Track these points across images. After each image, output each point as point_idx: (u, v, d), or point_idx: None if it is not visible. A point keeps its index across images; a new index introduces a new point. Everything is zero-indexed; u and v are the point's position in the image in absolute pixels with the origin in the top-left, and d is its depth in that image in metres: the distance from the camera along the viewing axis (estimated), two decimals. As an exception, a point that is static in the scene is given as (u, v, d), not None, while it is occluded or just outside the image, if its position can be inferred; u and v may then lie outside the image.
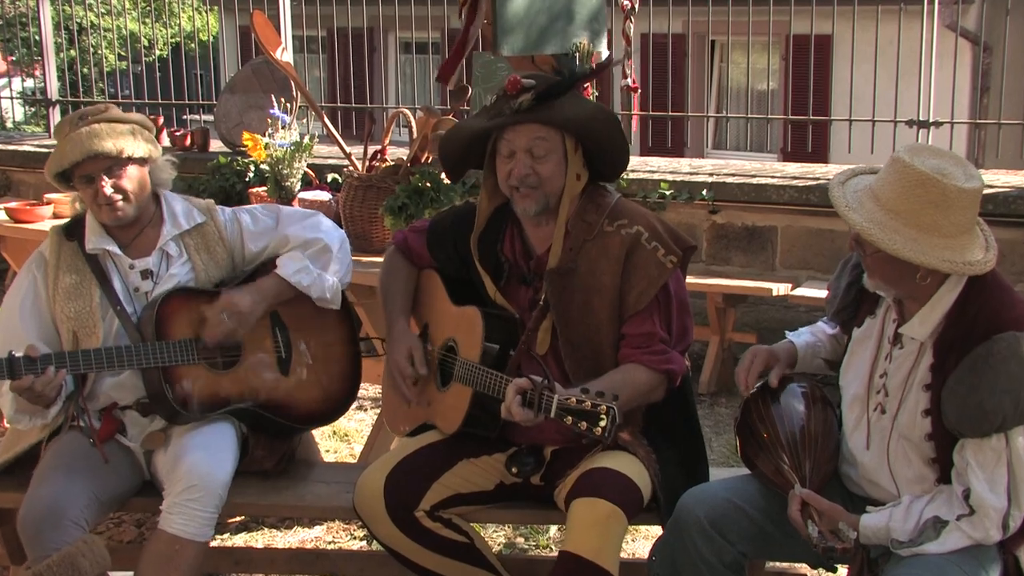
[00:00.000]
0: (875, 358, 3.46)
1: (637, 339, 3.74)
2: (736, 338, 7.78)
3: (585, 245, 3.78)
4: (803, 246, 7.83)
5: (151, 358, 4.01)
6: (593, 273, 3.76)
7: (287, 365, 4.29)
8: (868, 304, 3.54)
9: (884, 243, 3.15)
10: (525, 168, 3.73)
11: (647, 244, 3.75)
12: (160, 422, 4.16)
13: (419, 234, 4.21)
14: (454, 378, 3.92)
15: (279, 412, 4.26)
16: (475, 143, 3.90)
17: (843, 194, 3.31)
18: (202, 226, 4.26)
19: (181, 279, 4.17)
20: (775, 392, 3.63)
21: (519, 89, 3.73)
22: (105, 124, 4.07)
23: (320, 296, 4.26)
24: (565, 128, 3.73)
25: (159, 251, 4.19)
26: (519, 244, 3.94)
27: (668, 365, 3.74)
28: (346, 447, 6.28)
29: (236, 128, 8.63)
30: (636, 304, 3.74)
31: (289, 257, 4.25)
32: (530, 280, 3.90)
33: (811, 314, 7.86)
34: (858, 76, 8.52)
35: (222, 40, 13.66)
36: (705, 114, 13.51)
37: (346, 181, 5.95)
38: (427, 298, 4.19)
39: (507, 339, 3.85)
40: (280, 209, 4.42)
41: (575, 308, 3.77)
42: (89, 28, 13.09)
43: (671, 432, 3.89)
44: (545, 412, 3.33)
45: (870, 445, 3.45)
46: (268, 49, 6.31)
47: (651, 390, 3.75)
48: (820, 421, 3.54)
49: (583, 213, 3.81)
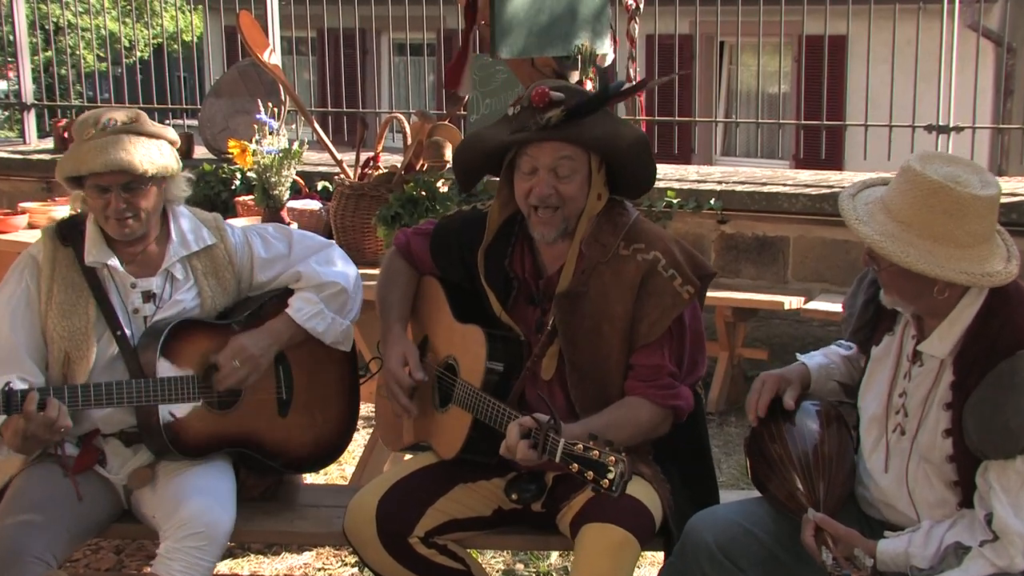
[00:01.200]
0: (894, 377, 3.46)
1: (644, 371, 3.72)
2: (746, 354, 7.79)
3: (598, 268, 3.74)
4: (816, 258, 7.83)
5: (151, 395, 3.94)
6: (605, 298, 3.73)
7: (287, 407, 4.24)
8: (886, 321, 3.54)
9: (897, 256, 3.15)
10: (547, 188, 3.68)
11: (664, 272, 3.71)
12: (145, 455, 4.09)
13: (423, 238, 4.16)
14: (453, 400, 3.89)
15: (272, 455, 4.21)
16: (495, 155, 3.85)
17: (853, 207, 3.30)
18: (211, 248, 4.18)
19: (187, 306, 4.10)
20: (788, 411, 3.61)
21: (547, 103, 3.65)
22: (134, 136, 3.95)
23: (334, 340, 4.24)
24: (593, 148, 3.69)
25: (164, 272, 4.10)
26: (529, 261, 3.90)
27: (674, 401, 3.73)
28: (336, 468, 6.27)
29: (221, 134, 8.63)
30: (647, 334, 3.71)
31: (303, 299, 4.19)
32: (538, 300, 3.86)
33: (825, 329, 7.88)
34: (874, 79, 8.52)
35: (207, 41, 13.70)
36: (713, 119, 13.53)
37: (337, 189, 5.95)
38: (427, 308, 4.16)
39: (511, 362, 3.82)
40: (292, 234, 4.34)
41: (584, 334, 3.74)
42: (66, 27, 13.12)
43: (679, 453, 3.87)
44: (549, 455, 3.30)
45: (888, 467, 3.44)
46: (255, 51, 6.31)
47: (655, 427, 3.74)
48: (835, 441, 3.53)
49: (598, 233, 3.76)
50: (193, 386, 4.02)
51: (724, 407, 7.52)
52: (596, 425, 3.50)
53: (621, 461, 3.17)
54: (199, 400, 4.03)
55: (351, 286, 4.26)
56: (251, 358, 4.05)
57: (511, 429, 3.41)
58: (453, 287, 4.08)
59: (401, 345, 4.00)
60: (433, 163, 5.89)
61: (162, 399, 3.95)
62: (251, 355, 4.05)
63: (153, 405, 3.94)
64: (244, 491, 4.20)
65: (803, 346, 3.84)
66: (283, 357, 4.22)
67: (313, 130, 6.39)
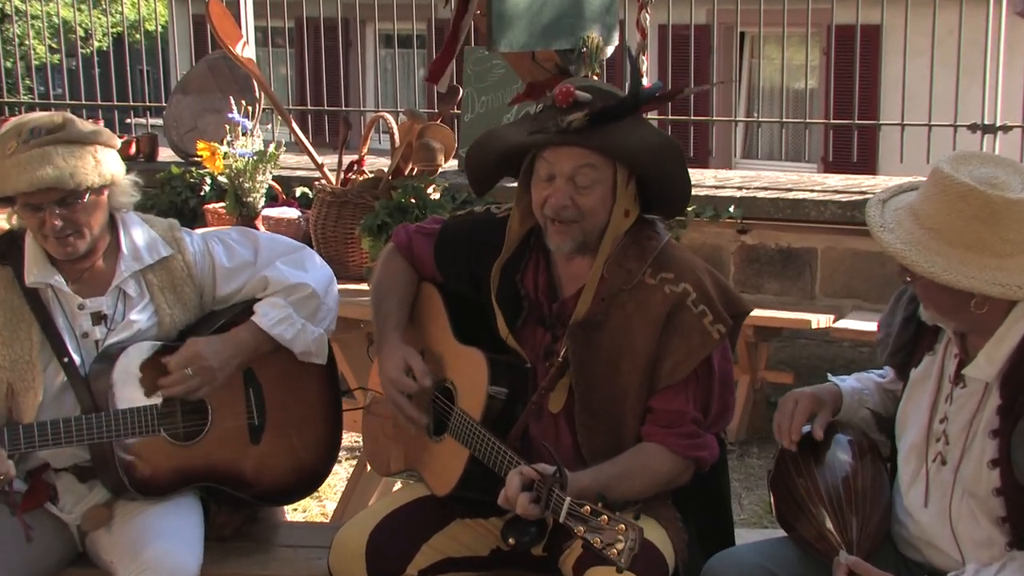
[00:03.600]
0: (934, 401, 3.45)
1: (665, 416, 3.68)
2: (769, 378, 7.79)
3: (620, 296, 3.70)
4: (848, 271, 7.84)
5: (106, 431, 3.88)
6: (626, 331, 3.68)
7: (259, 432, 4.19)
8: (927, 340, 3.53)
9: (921, 266, 3.15)
10: (564, 198, 3.63)
11: (693, 307, 3.66)
12: (101, 492, 4.04)
13: (427, 239, 4.10)
14: (449, 430, 3.86)
15: (244, 487, 4.17)
16: (511, 157, 3.81)
17: (880, 213, 3.31)
18: (167, 260, 4.11)
19: (142, 326, 4.04)
20: (817, 441, 3.60)
21: (571, 103, 3.60)
22: (62, 146, 3.85)
23: (304, 350, 4.17)
24: (619, 158, 3.65)
25: (115, 290, 4.03)
26: (544, 278, 3.86)
27: (697, 452, 3.69)
28: (316, 505, 6.28)
29: (189, 134, 8.64)
30: (670, 376, 3.66)
31: (269, 304, 4.12)
32: (550, 324, 3.83)
33: (857, 350, 7.89)
34: (912, 73, 8.54)
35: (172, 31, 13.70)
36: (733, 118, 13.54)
37: (317, 196, 5.95)
38: (424, 320, 4.12)
39: (515, 392, 3.78)
40: (258, 238, 4.30)
41: (599, 368, 3.70)
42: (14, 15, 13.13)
43: (694, 492, 3.83)
44: (553, 514, 3.29)
45: (929, 502, 3.43)
46: (226, 43, 6.32)
47: (674, 478, 3.70)
48: (869, 475, 3.52)
49: (623, 258, 3.72)
50: (153, 417, 3.97)
51: (745, 437, 7.53)
52: (607, 475, 3.47)
53: (632, 530, 3.15)
54: (160, 432, 3.99)
55: (323, 289, 4.20)
56: (207, 368, 3.99)
57: (511, 479, 3.40)
58: (454, 298, 4.05)
59: (401, 351, 3.93)
60: (424, 167, 5.87)
61: (119, 434, 3.90)
62: (207, 365, 3.99)
63: (109, 441, 3.90)
64: (214, 530, 4.16)
65: (833, 369, 3.83)
66: (253, 379, 4.18)
67: (291, 131, 6.40)
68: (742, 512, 6.34)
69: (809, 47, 9.32)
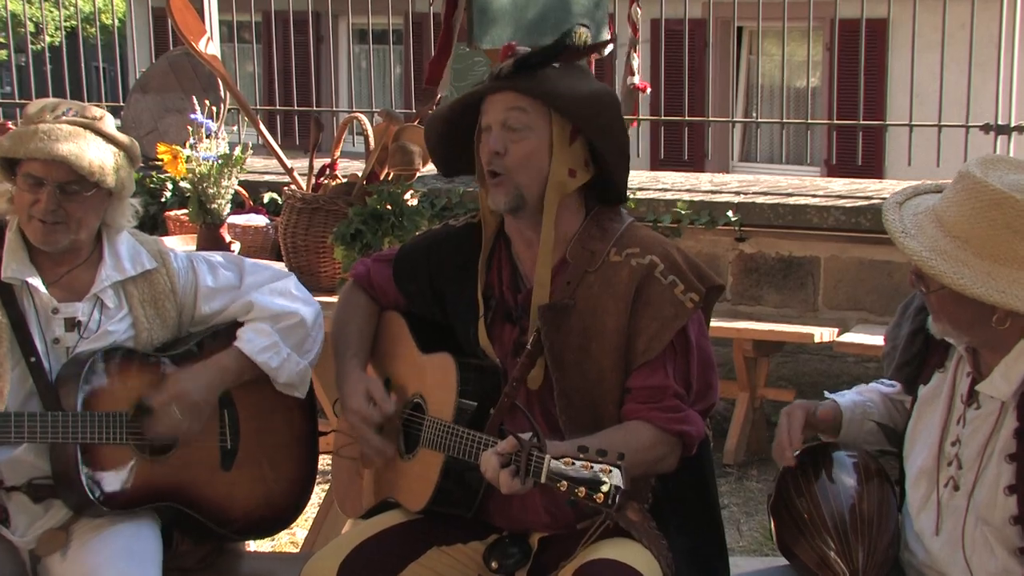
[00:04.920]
0: (945, 422, 3.44)
1: (644, 393, 3.70)
2: (770, 395, 7.81)
3: (586, 277, 3.75)
4: (852, 281, 7.87)
5: (71, 431, 3.89)
6: (594, 312, 3.72)
7: (231, 458, 4.21)
8: (937, 355, 3.53)
9: (948, 278, 3.15)
10: (497, 143, 3.71)
11: (662, 278, 3.70)
12: (58, 514, 4.03)
13: (385, 265, 4.18)
14: (421, 443, 3.89)
15: (211, 514, 4.17)
16: (456, 121, 3.89)
17: (899, 217, 3.30)
18: (150, 273, 4.16)
19: (118, 338, 4.07)
20: (819, 463, 3.62)
21: (510, 56, 3.74)
22: (92, 134, 3.97)
23: (288, 381, 4.20)
24: (546, 99, 3.71)
25: (93, 298, 4.06)
26: (507, 272, 3.92)
27: (682, 426, 3.69)
28: (286, 533, 6.27)
29: (149, 136, 8.65)
30: (646, 351, 3.69)
31: (255, 330, 4.16)
32: (517, 317, 3.87)
33: (862, 366, 7.91)
34: (921, 70, 8.57)
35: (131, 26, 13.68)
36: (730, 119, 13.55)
37: (286, 203, 5.95)
38: (389, 346, 4.16)
39: (487, 393, 3.82)
40: (243, 263, 4.34)
41: (571, 353, 3.73)
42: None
43: (683, 513, 3.83)
44: (534, 477, 3.30)
45: (940, 529, 3.43)
46: (189, 38, 6.33)
47: (660, 457, 3.70)
48: (876, 498, 3.52)
49: (586, 240, 3.78)
50: (121, 424, 3.98)
51: (744, 458, 7.54)
52: (588, 443, 3.42)
53: (616, 469, 3.18)
54: (127, 442, 4.00)
55: (311, 320, 4.25)
56: (193, 405, 4.03)
57: (488, 459, 3.41)
58: (418, 320, 4.10)
59: (362, 382, 3.99)
60: (400, 171, 5.87)
61: (85, 436, 3.91)
62: (193, 401, 4.03)
63: (72, 446, 3.89)
64: (176, 560, 4.17)
65: (837, 386, 3.82)
66: (229, 400, 4.20)
67: (258, 132, 6.41)
68: (741, 539, 6.35)
69: (811, 42, 9.34)
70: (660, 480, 3.78)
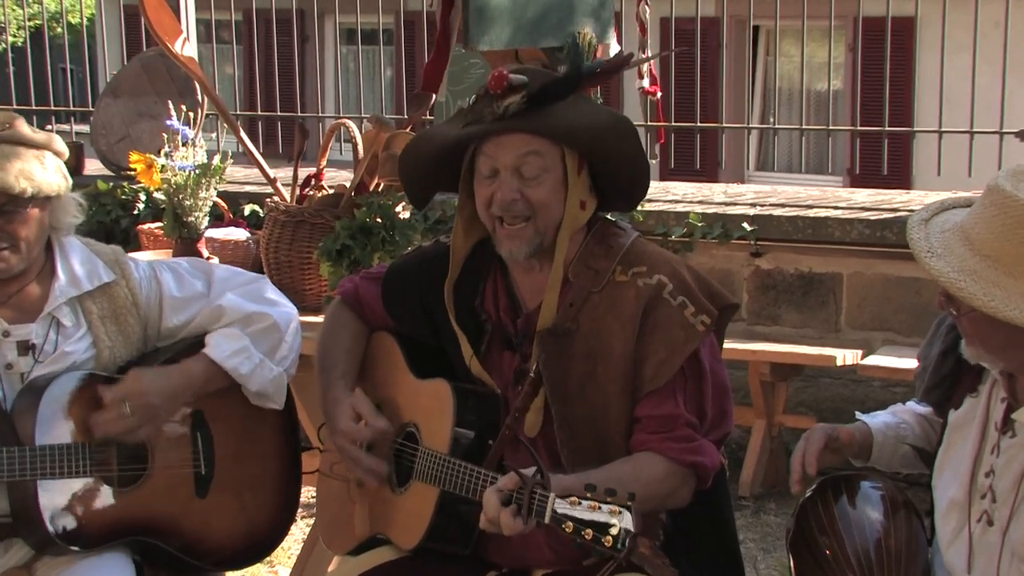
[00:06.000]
0: (978, 450, 3.44)
1: (655, 422, 3.68)
2: (788, 422, 7.79)
3: (590, 299, 3.74)
4: (878, 300, 7.87)
5: (29, 468, 3.87)
6: (599, 335, 3.72)
7: (206, 484, 4.19)
8: (969, 378, 3.53)
9: (979, 300, 3.15)
10: (511, 192, 3.66)
11: (671, 299, 3.69)
12: (20, 552, 4.04)
13: (373, 283, 4.17)
14: (415, 475, 3.88)
15: (186, 547, 4.16)
16: (447, 158, 3.83)
17: (925, 236, 3.30)
18: (109, 287, 4.13)
19: (77, 359, 4.05)
20: (842, 495, 3.62)
21: (505, 87, 3.64)
22: (7, 146, 3.92)
23: (260, 390, 4.18)
24: (566, 141, 3.68)
25: (47, 318, 4.04)
26: (504, 296, 3.90)
27: (696, 457, 3.68)
28: (268, 570, 6.28)
29: (121, 144, 8.66)
30: (654, 378, 3.68)
31: (224, 335, 4.15)
32: (517, 344, 3.86)
33: (889, 391, 7.90)
34: (951, 72, 8.58)
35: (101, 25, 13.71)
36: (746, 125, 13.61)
37: (269, 215, 5.96)
38: (379, 369, 4.15)
39: (485, 422, 3.81)
40: (212, 269, 4.33)
41: (574, 381, 3.72)
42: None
43: (698, 549, 3.82)
44: (537, 516, 3.28)
45: (972, 566, 3.42)
46: (163, 38, 6.33)
47: (672, 491, 3.69)
48: (903, 534, 3.52)
49: (588, 258, 3.77)
50: (84, 455, 3.97)
51: (761, 490, 7.54)
52: (595, 479, 3.42)
53: (626, 510, 3.16)
54: (91, 474, 3.99)
55: (285, 323, 4.23)
56: (148, 407, 3.99)
57: (488, 498, 3.39)
58: (410, 341, 4.10)
59: (348, 399, 3.98)
60: (391, 182, 5.88)
61: (44, 472, 3.90)
62: (148, 403, 3.99)
63: (32, 481, 3.88)
64: (148, 596, 4.16)
65: (862, 412, 3.83)
66: (202, 423, 4.19)
67: (239, 140, 6.41)
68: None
69: (833, 43, 9.36)
70: (671, 515, 3.77)
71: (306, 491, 4.51)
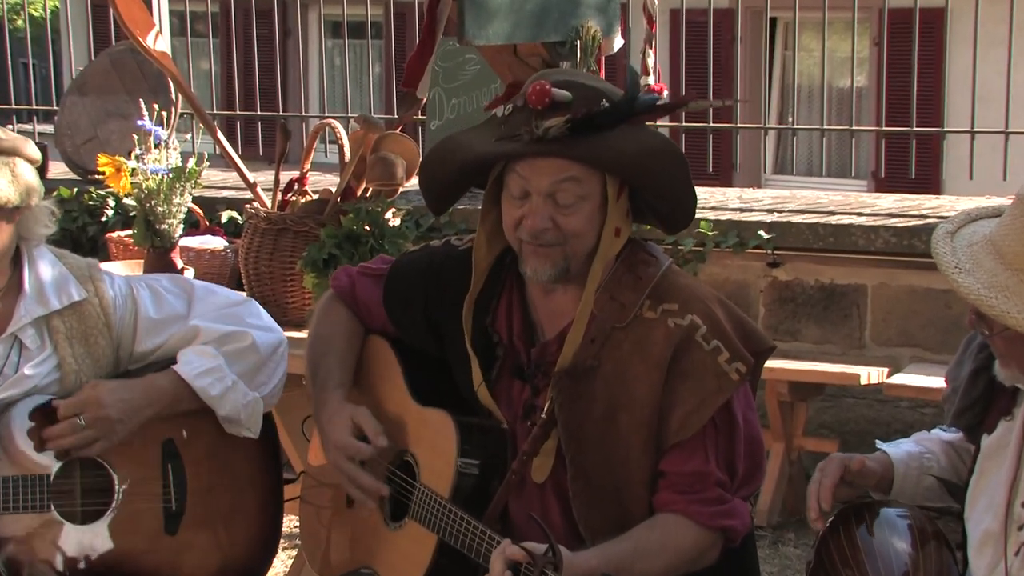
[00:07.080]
0: (1014, 478, 3.43)
1: (682, 480, 3.64)
2: (808, 446, 7.79)
3: (614, 335, 3.68)
4: (904, 313, 7.87)
5: None
6: (623, 378, 3.67)
7: (176, 520, 4.16)
8: (1003, 399, 3.51)
9: (1013, 318, 3.14)
10: (543, 220, 3.60)
11: (704, 343, 3.64)
12: None
13: (373, 281, 4.12)
14: (411, 513, 3.85)
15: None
16: (474, 170, 3.79)
17: (951, 250, 3.29)
18: (80, 305, 4.10)
19: (38, 382, 4.04)
20: (865, 524, 3.61)
21: (548, 104, 3.55)
22: None
23: (231, 415, 4.14)
24: (610, 169, 3.63)
25: (10, 337, 4.03)
26: (519, 318, 3.86)
27: (727, 521, 3.66)
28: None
29: (88, 145, 8.66)
30: (681, 430, 3.63)
31: (196, 352, 4.11)
32: (529, 375, 3.82)
33: (916, 412, 7.90)
34: (984, 68, 8.58)
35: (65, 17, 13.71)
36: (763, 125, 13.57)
37: (248, 222, 5.97)
38: (373, 380, 4.12)
39: (490, 463, 3.77)
40: (194, 289, 4.29)
41: (592, 426, 3.68)
42: None
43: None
44: None
45: (1009, 603, 3.42)
46: (134, 32, 6.34)
47: (699, 556, 3.67)
48: (933, 567, 3.51)
49: (615, 288, 3.71)
50: (43, 490, 3.96)
51: (779, 520, 7.54)
52: (617, 554, 3.42)
53: None
54: (49, 509, 3.98)
55: (267, 346, 4.20)
56: (104, 420, 3.97)
57: (494, 563, 3.37)
58: (409, 352, 4.06)
59: (347, 410, 3.93)
60: (380, 186, 5.88)
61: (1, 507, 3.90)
62: (105, 415, 3.97)
63: None
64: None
65: (887, 435, 3.80)
66: (173, 452, 4.17)
67: (216, 141, 6.42)
68: (776, 612, 6.37)
69: (856, 36, 9.37)
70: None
71: (288, 520, 4.50)
